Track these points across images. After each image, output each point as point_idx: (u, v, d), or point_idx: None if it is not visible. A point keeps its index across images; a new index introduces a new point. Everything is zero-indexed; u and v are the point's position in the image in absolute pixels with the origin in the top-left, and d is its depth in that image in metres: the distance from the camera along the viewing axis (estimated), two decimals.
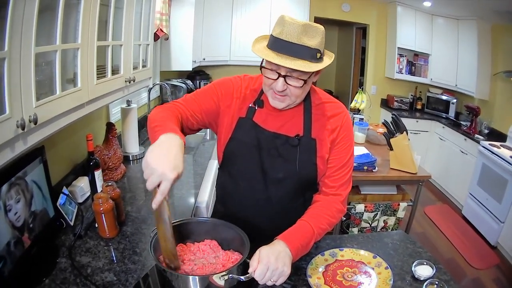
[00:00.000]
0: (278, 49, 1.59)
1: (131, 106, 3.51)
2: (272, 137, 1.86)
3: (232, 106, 1.90)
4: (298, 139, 1.84)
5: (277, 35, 1.58)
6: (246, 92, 1.92)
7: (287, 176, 1.87)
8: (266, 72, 1.69)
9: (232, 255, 1.71)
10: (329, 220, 1.82)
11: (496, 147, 5.50)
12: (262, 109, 1.88)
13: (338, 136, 1.88)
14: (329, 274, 1.88)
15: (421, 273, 1.87)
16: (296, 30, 1.55)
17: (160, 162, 1.37)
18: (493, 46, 6.58)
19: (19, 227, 1.77)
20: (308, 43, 1.57)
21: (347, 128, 1.92)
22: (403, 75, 7.99)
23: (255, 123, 1.87)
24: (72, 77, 1.95)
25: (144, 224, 2.35)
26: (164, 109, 1.79)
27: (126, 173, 3.18)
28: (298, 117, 1.87)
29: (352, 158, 1.96)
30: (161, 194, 1.39)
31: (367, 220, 4.13)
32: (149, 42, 3.21)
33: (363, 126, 5.02)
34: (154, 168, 1.36)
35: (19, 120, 1.39)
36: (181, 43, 5.50)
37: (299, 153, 1.84)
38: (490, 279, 4.61)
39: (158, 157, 1.39)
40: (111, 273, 1.84)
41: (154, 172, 1.36)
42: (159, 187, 1.37)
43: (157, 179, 1.36)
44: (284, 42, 1.57)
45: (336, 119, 1.89)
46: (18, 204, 1.75)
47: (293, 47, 1.57)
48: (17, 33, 1.36)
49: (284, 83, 1.65)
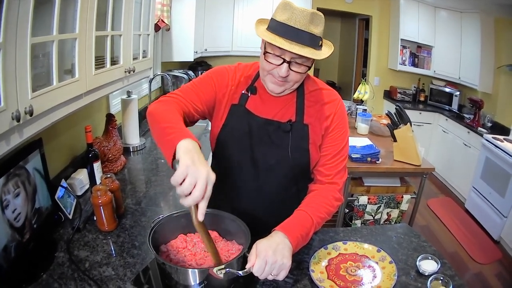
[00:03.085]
0: (285, 34, 1.58)
1: (132, 97, 3.48)
2: (264, 123, 1.85)
3: (227, 94, 1.89)
4: (291, 124, 1.83)
5: (284, 21, 1.57)
6: (240, 79, 1.91)
7: (279, 163, 1.86)
8: (270, 57, 1.67)
9: (232, 246, 1.69)
10: (327, 209, 1.79)
11: (499, 140, 5.47)
12: (255, 95, 1.88)
13: (332, 123, 1.87)
14: (332, 268, 1.85)
15: (425, 268, 1.84)
16: (305, 17, 1.55)
17: (201, 165, 1.32)
18: (496, 39, 6.54)
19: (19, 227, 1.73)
20: (314, 30, 1.58)
21: (341, 115, 1.90)
22: (406, 66, 7.96)
23: (247, 109, 1.87)
24: (70, 67, 1.92)
25: (143, 217, 2.32)
26: (167, 104, 1.74)
27: (126, 165, 3.16)
28: (291, 103, 1.87)
29: (347, 146, 1.93)
30: (206, 200, 1.34)
31: (370, 212, 4.11)
32: (150, 32, 3.18)
33: (367, 117, 5.00)
34: (198, 171, 1.30)
35: (14, 112, 1.36)
36: (182, 33, 5.47)
37: (291, 139, 1.83)
38: (492, 274, 4.60)
39: (196, 161, 1.33)
40: (109, 267, 1.81)
41: (200, 176, 1.29)
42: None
43: (204, 182, 1.30)
44: (292, 28, 1.56)
45: (330, 106, 1.88)
46: (17, 199, 1.71)
47: (300, 34, 1.56)
48: (13, 23, 1.32)
49: (287, 69, 1.65)
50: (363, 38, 9.93)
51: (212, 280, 1.46)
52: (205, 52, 6.61)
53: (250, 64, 1.95)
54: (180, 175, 1.29)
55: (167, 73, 5.36)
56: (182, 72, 5.72)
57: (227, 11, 7.01)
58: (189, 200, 1.30)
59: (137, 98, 3.55)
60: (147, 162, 3.33)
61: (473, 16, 6.66)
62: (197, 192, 1.29)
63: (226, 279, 1.49)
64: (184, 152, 1.35)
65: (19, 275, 1.68)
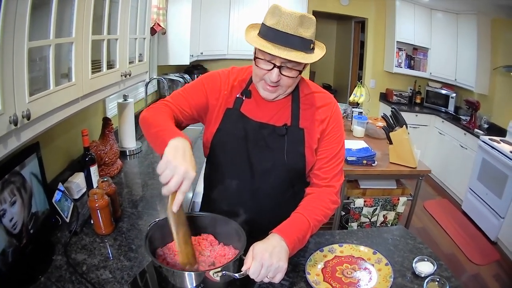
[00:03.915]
0: (274, 39, 1.58)
1: (128, 100, 3.48)
2: (259, 127, 1.85)
3: (220, 99, 1.90)
4: (286, 128, 1.84)
5: (273, 25, 1.58)
6: (234, 83, 1.92)
7: (274, 166, 1.86)
8: (260, 63, 1.68)
9: (229, 250, 1.69)
10: (324, 212, 1.80)
11: (496, 142, 5.48)
12: (250, 99, 1.89)
13: (328, 127, 1.88)
14: (328, 270, 1.86)
15: (422, 270, 1.84)
16: (294, 21, 1.55)
17: (182, 161, 1.39)
18: (493, 40, 6.55)
19: (17, 234, 1.74)
20: (304, 34, 1.58)
21: (337, 118, 1.91)
22: (402, 69, 7.98)
23: (242, 113, 1.87)
24: (67, 71, 1.93)
25: (140, 220, 2.32)
26: (158, 110, 1.78)
27: (122, 168, 3.16)
28: (286, 107, 1.87)
29: (343, 149, 1.94)
30: (183, 194, 1.40)
31: (367, 215, 4.12)
32: (146, 36, 3.19)
33: (362, 120, 5.00)
34: (176, 166, 1.37)
35: (11, 115, 1.36)
36: (178, 37, 5.47)
37: (287, 143, 1.84)
38: (490, 275, 4.60)
39: (178, 157, 1.40)
40: (107, 270, 1.81)
41: (177, 171, 1.37)
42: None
43: (180, 178, 1.37)
44: (280, 32, 1.56)
45: (325, 110, 1.89)
46: (14, 207, 1.71)
47: (290, 38, 1.56)
48: (10, 27, 1.33)
49: (278, 74, 1.66)
50: (359, 40, 9.96)
51: (209, 283, 1.46)
52: (201, 56, 6.60)
53: (244, 68, 1.96)
54: (160, 167, 1.39)
55: (163, 76, 5.37)
56: (178, 75, 5.73)
57: (222, 15, 7.01)
58: (165, 189, 1.39)
59: (133, 102, 3.55)
60: (143, 166, 3.33)
61: (470, 17, 6.67)
62: (171, 184, 1.37)
63: (223, 282, 1.49)
64: (170, 148, 1.44)
65: (17, 278, 1.68)
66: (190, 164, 1.40)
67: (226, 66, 2.00)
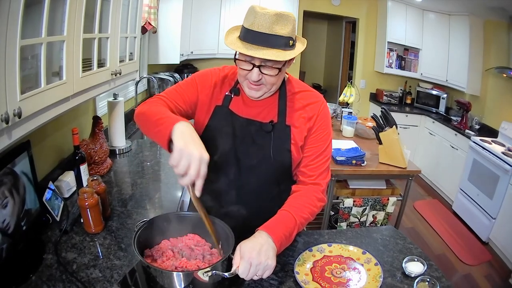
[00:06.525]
0: (251, 40, 1.61)
1: (118, 99, 3.47)
2: (246, 123, 1.88)
3: (210, 96, 1.92)
4: (272, 125, 1.85)
5: (249, 26, 1.61)
6: (224, 81, 1.95)
7: (261, 163, 1.88)
8: (241, 64, 1.71)
9: (217, 250, 1.70)
10: (310, 209, 1.81)
11: (487, 142, 5.53)
12: (238, 97, 1.91)
13: (315, 125, 1.90)
14: (317, 270, 1.86)
15: (412, 270, 1.85)
16: (268, 20, 1.57)
17: (193, 147, 1.42)
18: (485, 42, 6.57)
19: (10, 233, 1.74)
20: (280, 32, 1.60)
21: (324, 116, 1.93)
22: (392, 69, 8.00)
23: (230, 110, 1.90)
24: (58, 70, 1.92)
25: (129, 219, 2.32)
26: (154, 103, 1.80)
27: (112, 167, 3.15)
28: (273, 105, 1.89)
29: (330, 147, 1.95)
30: (202, 178, 1.44)
31: (356, 215, 4.13)
32: (136, 35, 3.18)
33: (352, 120, 5.00)
34: (191, 153, 1.41)
35: (3, 114, 1.36)
36: (169, 36, 5.48)
37: (273, 139, 1.86)
38: (481, 275, 4.64)
39: (189, 144, 1.43)
40: (97, 269, 1.81)
41: (193, 157, 1.40)
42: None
43: (197, 164, 1.41)
44: (256, 33, 1.59)
45: (312, 107, 1.91)
46: (6, 209, 1.70)
47: (265, 37, 1.59)
48: (3, 25, 1.33)
49: (259, 73, 1.68)
50: (350, 40, 9.96)
51: (198, 283, 1.46)
52: (191, 55, 6.62)
53: (234, 67, 1.96)
54: (175, 158, 1.41)
55: (153, 75, 5.38)
56: (168, 74, 5.74)
57: (213, 14, 7.00)
58: (186, 179, 1.42)
59: (123, 101, 3.55)
60: (133, 165, 3.32)
61: (462, 18, 6.69)
62: (192, 172, 1.40)
63: (212, 282, 1.49)
64: (178, 135, 1.46)
65: (8, 277, 1.68)
66: (201, 147, 1.45)
67: (216, 65, 2.02)
